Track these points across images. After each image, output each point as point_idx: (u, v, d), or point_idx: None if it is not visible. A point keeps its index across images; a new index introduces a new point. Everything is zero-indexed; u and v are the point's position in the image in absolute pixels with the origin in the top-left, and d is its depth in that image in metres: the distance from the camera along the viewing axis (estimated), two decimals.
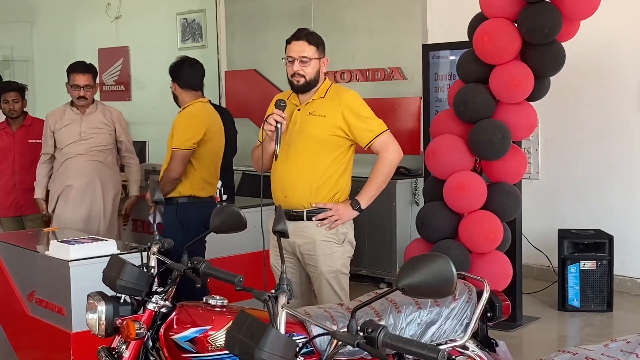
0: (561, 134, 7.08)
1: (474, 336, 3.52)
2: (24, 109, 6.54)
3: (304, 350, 2.73)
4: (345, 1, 8.14)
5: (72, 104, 5.78)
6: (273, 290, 2.43)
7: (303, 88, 3.98)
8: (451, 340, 3.36)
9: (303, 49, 3.93)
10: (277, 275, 4.23)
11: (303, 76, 3.93)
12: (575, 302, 6.14)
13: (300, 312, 3.12)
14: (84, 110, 5.75)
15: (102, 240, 4.59)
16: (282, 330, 2.32)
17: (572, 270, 6.14)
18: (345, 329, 2.12)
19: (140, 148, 7.26)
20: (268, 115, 3.89)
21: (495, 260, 4.68)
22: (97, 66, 10.25)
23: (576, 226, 6.56)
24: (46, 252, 4.54)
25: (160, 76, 9.67)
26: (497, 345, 3.57)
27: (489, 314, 3.55)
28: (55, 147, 5.78)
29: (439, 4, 7.47)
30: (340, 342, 2.13)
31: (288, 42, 4.00)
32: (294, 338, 2.59)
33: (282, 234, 2.53)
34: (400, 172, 7.36)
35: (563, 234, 6.29)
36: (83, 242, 4.49)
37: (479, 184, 4.67)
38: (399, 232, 7.06)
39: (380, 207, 7.17)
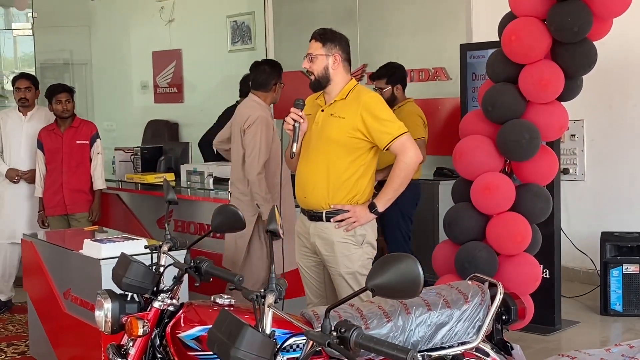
0: (607, 134, 6.93)
1: (490, 339, 3.48)
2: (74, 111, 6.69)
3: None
4: (390, 2, 8.13)
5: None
6: (262, 290, 2.46)
7: (314, 85, 4.03)
8: (463, 342, 3.34)
9: (311, 46, 4.01)
10: (302, 272, 4.26)
11: (312, 72, 3.99)
12: (617, 306, 6.01)
13: (308, 313, 3.15)
14: None
15: (133, 239, 4.69)
16: (268, 330, 2.34)
17: (615, 274, 6.00)
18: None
19: (183, 149, 7.37)
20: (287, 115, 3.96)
21: (523, 263, 4.60)
22: (151, 69, 10.61)
23: (622, 228, 6.41)
24: (80, 251, 4.65)
25: (210, 78, 9.89)
26: (512, 349, 3.52)
27: (504, 317, 3.51)
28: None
29: (483, 4, 7.39)
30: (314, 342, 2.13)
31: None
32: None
33: (274, 234, 2.55)
34: (444, 173, 7.32)
35: (606, 237, 6.15)
36: (115, 241, 4.59)
37: (506, 185, 4.60)
38: (442, 233, 6.97)
39: (423, 209, 7.13)
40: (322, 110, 4.05)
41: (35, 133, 6.71)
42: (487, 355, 3.38)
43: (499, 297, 3.39)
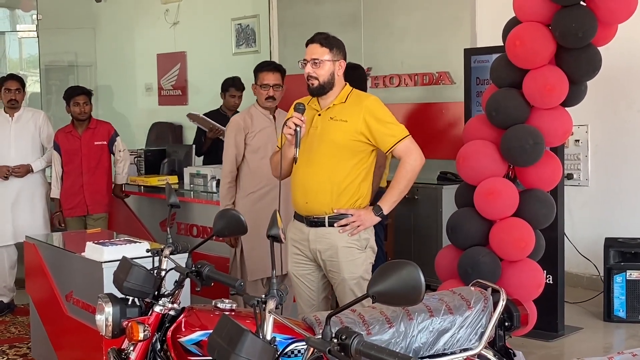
0: (611, 139, 6.90)
1: (492, 345, 3.47)
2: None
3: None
4: (394, 6, 8.11)
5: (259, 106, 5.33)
6: (263, 296, 2.45)
7: (317, 91, 3.97)
8: (465, 349, 3.32)
9: (315, 51, 3.95)
10: (294, 281, 4.23)
11: (316, 78, 3.94)
12: (621, 312, 5.98)
13: (310, 318, 3.14)
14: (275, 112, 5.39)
15: (136, 242, 4.67)
16: (269, 336, 2.33)
17: (618, 280, 5.98)
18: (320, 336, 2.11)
19: (186, 152, 7.37)
20: (287, 119, 3.91)
21: (527, 269, 4.58)
22: (155, 71, 10.61)
23: (626, 234, 6.39)
24: (82, 254, 4.65)
25: (214, 81, 9.87)
26: (515, 356, 3.51)
27: (507, 323, 3.50)
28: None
29: (488, 8, 7.37)
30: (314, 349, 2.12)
31: (306, 45, 4.02)
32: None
33: (275, 239, 2.54)
34: (447, 178, 7.29)
35: (609, 243, 6.13)
36: (117, 244, 4.58)
37: (510, 191, 4.58)
38: (445, 237, 6.95)
39: (426, 213, 7.12)
40: (319, 115, 4.02)
41: (24, 134, 6.71)
42: None
43: (501, 304, 3.38)
